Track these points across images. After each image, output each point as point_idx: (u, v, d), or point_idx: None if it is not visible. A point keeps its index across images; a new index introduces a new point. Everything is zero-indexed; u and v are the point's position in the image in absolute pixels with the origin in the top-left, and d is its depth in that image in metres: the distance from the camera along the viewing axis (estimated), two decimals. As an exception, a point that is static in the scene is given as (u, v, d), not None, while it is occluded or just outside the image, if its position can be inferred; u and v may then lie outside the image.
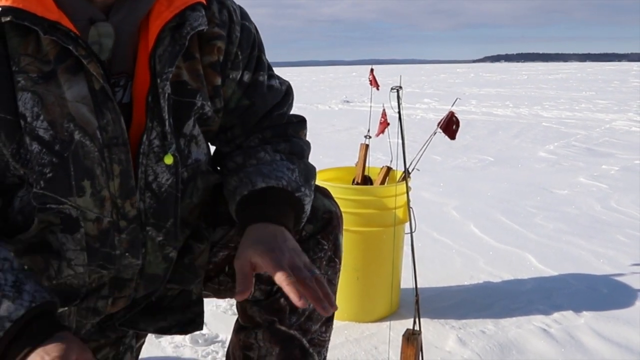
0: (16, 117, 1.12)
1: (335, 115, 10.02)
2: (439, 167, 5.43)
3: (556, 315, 2.45)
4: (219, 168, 1.44)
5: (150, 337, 2.26)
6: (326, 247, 1.43)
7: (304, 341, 1.46)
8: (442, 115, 2.42)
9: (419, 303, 1.00)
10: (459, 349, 2.18)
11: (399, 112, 1.05)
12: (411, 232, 1.31)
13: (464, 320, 2.40)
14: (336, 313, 2.39)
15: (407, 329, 0.95)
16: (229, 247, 1.42)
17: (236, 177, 1.34)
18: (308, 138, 1.50)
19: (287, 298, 1.41)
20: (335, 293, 1.50)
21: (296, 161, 1.35)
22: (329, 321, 1.50)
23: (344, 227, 2.28)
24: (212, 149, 1.46)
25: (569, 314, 2.47)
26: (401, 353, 0.95)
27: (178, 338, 2.29)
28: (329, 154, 5.55)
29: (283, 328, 1.43)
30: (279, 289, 1.40)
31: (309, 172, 1.37)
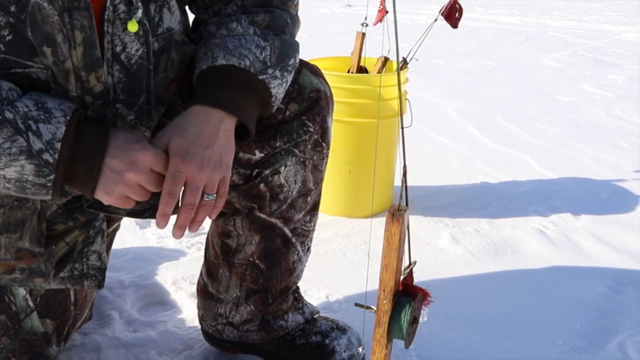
0: None
1: (337, 19, 9.70)
2: (440, 71, 5.26)
3: (554, 217, 2.37)
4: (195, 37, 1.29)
5: (134, 228, 2.19)
6: (312, 129, 1.30)
7: (286, 230, 1.37)
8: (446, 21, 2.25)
9: (409, 195, 0.89)
10: (452, 247, 2.11)
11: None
12: (400, 111, 1.18)
13: (458, 219, 2.32)
14: (327, 207, 2.32)
15: (392, 205, 0.85)
16: None
17: (203, 48, 1.19)
18: (307, 39, 1.33)
19: (267, 183, 1.31)
20: (321, 181, 1.40)
21: (270, 38, 1.18)
22: (313, 210, 1.41)
23: (337, 118, 2.17)
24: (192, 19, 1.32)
25: (567, 216, 2.38)
26: (385, 231, 0.85)
27: (163, 229, 2.20)
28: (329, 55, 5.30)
29: (263, 216, 1.34)
30: (259, 174, 1.30)
31: (286, 49, 1.20)
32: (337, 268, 1.97)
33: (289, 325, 1.44)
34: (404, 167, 0.87)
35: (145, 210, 1.27)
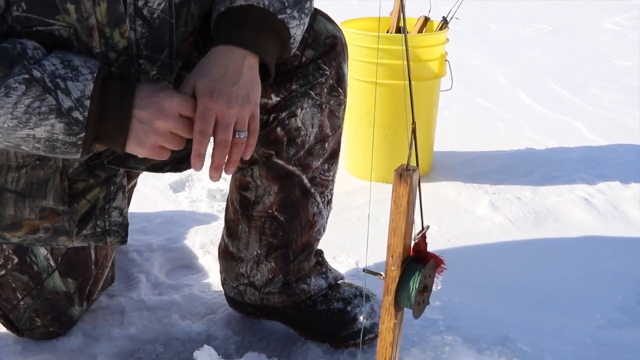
0: None
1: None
2: (492, 36, 5.08)
3: (601, 185, 2.26)
4: None
5: (167, 192, 2.18)
6: (328, 72, 1.29)
7: (305, 179, 1.34)
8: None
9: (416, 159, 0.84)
10: (491, 215, 2.03)
11: None
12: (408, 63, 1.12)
13: (499, 186, 2.23)
14: (362, 172, 2.27)
15: (401, 164, 0.79)
16: None
17: None
18: (356, 5, 1.31)
19: (284, 127, 1.28)
20: (339, 128, 1.38)
21: None
22: (331, 159, 1.38)
23: (373, 80, 2.10)
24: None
25: (616, 184, 2.26)
26: (392, 192, 0.80)
27: (195, 192, 2.19)
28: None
29: (281, 162, 1.31)
30: (275, 118, 1.27)
31: None
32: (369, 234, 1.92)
33: (312, 289, 1.40)
34: (413, 123, 0.81)
35: (165, 164, 1.27)
